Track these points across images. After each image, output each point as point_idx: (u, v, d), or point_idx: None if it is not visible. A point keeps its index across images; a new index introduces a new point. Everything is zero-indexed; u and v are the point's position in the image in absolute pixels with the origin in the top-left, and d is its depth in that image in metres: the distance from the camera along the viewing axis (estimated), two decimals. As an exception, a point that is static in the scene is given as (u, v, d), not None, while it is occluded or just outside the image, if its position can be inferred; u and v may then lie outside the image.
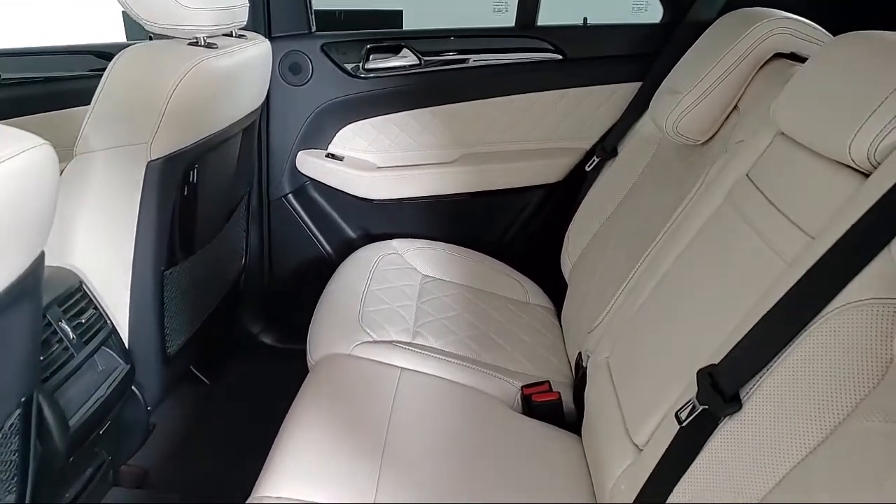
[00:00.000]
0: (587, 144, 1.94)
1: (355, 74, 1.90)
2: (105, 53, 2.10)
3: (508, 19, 1.97)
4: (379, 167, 1.96)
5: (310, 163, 1.94)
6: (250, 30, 1.61)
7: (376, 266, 1.70)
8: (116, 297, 1.32)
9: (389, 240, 1.86)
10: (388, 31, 2.22)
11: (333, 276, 1.69)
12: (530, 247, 2.02)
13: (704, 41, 1.45)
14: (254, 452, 1.15)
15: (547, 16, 1.93)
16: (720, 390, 0.81)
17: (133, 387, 1.38)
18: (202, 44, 1.32)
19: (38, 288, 0.85)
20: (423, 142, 1.96)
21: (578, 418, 1.30)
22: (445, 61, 1.95)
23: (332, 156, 1.95)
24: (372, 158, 1.98)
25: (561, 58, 1.91)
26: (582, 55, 1.91)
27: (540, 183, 1.97)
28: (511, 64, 1.95)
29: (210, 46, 1.32)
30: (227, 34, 1.46)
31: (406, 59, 1.90)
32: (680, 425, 0.86)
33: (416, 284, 1.68)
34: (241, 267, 1.92)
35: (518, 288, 1.78)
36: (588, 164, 1.87)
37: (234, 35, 1.49)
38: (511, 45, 1.97)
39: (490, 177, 1.96)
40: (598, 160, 1.83)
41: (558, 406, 1.32)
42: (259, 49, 1.53)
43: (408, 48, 1.91)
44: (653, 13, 1.94)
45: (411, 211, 1.99)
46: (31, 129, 0.75)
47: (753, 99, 1.29)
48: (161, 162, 1.24)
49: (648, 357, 1.10)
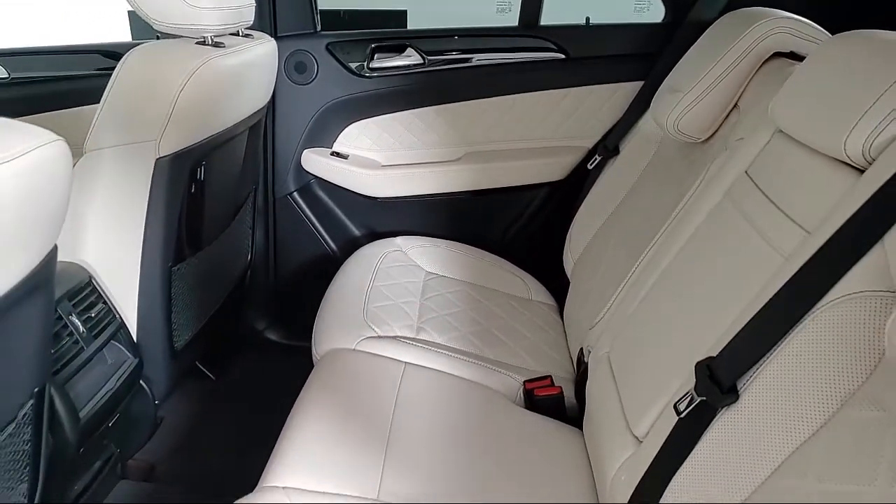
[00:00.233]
0: (589, 143, 1.95)
1: (360, 73, 1.92)
2: (112, 53, 2.13)
3: (512, 19, 1.98)
4: (383, 165, 1.98)
5: (315, 161, 1.95)
6: (256, 29, 1.63)
7: (380, 263, 1.72)
8: (125, 292, 1.34)
9: (393, 237, 1.87)
10: (393, 31, 2.24)
11: (338, 273, 1.70)
12: (533, 244, 2.04)
13: (705, 40, 1.46)
14: (259, 447, 1.16)
15: (550, 16, 1.94)
16: (718, 382, 0.83)
17: (141, 381, 1.40)
18: (209, 43, 1.33)
19: (51, 280, 0.87)
20: (427, 140, 1.98)
21: (580, 413, 1.31)
22: (449, 60, 1.97)
23: (337, 154, 1.97)
24: (376, 157, 2.00)
25: (564, 57, 1.93)
26: (584, 55, 1.92)
27: (542, 181, 1.99)
28: (514, 63, 1.97)
29: (217, 45, 1.34)
30: (234, 33, 1.48)
31: (410, 59, 1.92)
32: (678, 416, 0.88)
33: (420, 281, 1.70)
34: (247, 264, 1.94)
35: (521, 285, 1.80)
36: (590, 163, 1.88)
37: (241, 34, 1.51)
38: (514, 45, 1.99)
39: (493, 175, 1.97)
40: (601, 158, 1.84)
41: (560, 400, 1.34)
42: (265, 48, 1.55)
43: (412, 47, 1.93)
44: (655, 13, 1.95)
45: (415, 209, 2.00)
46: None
47: (753, 97, 1.30)
48: (169, 159, 1.26)
49: (648, 351, 1.12)
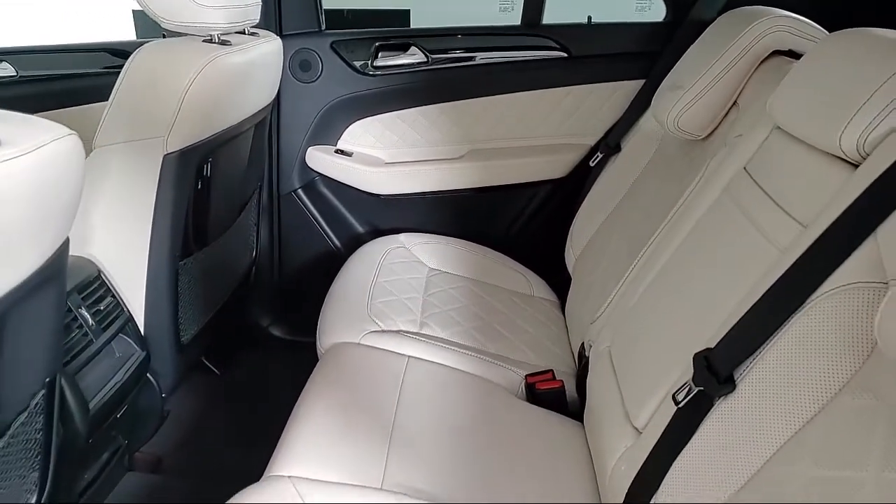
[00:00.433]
0: (591, 140, 1.97)
1: (364, 72, 1.93)
2: (119, 51, 2.15)
3: (514, 18, 2.00)
4: (387, 163, 2.00)
5: (319, 158, 1.97)
6: (262, 27, 1.64)
7: (384, 259, 1.74)
8: (133, 287, 1.36)
9: (397, 234, 1.88)
10: (397, 30, 2.26)
11: (342, 269, 1.72)
12: (535, 241, 2.05)
13: (705, 39, 1.48)
14: (264, 440, 1.17)
15: (552, 15, 1.96)
16: (715, 372, 0.85)
17: (148, 374, 1.42)
18: (216, 41, 1.35)
19: (64, 272, 0.89)
20: (431, 138, 1.99)
21: (581, 406, 1.33)
22: (453, 59, 1.98)
23: (342, 151, 1.98)
24: (380, 154, 2.01)
25: (566, 56, 1.94)
26: (586, 53, 1.94)
27: (545, 178, 2.00)
28: (517, 62, 1.98)
29: (224, 44, 1.35)
30: (240, 32, 1.49)
31: (414, 57, 1.93)
32: (677, 406, 0.90)
33: (423, 277, 1.71)
34: (252, 260, 1.96)
35: (523, 281, 1.81)
36: (592, 160, 1.90)
37: (247, 33, 1.53)
38: (517, 44, 2.00)
39: (496, 172, 1.99)
40: (602, 156, 1.86)
41: (561, 394, 1.35)
42: (270, 46, 1.57)
43: (416, 46, 1.94)
44: (656, 12, 1.97)
45: (419, 206, 2.02)
46: None
47: (752, 95, 1.32)
48: (177, 155, 1.28)
49: (648, 344, 1.14)
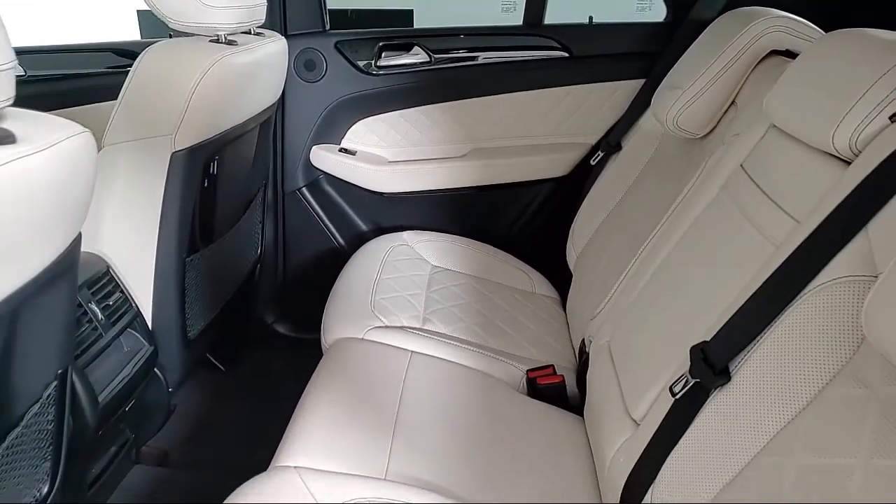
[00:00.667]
0: (592, 139, 1.99)
1: (368, 71, 1.95)
2: (124, 51, 2.17)
3: (516, 18, 2.02)
4: (390, 161, 2.02)
5: (323, 157, 1.99)
6: (267, 28, 1.66)
7: (387, 256, 1.75)
8: (141, 282, 1.38)
9: (400, 232, 1.90)
10: (400, 30, 2.28)
11: (346, 266, 1.73)
12: (537, 239, 2.07)
13: (704, 39, 1.50)
14: (269, 435, 1.19)
15: (553, 15, 1.98)
16: (711, 364, 0.87)
17: (156, 368, 1.45)
18: (223, 41, 1.37)
19: (76, 266, 0.92)
20: (434, 137, 2.01)
21: (581, 401, 1.35)
22: (455, 59, 2.00)
23: (345, 150, 2.00)
24: (383, 153, 2.03)
25: (567, 55, 1.96)
26: (587, 53, 1.96)
27: (546, 177, 2.02)
28: (519, 62, 2.00)
29: (230, 43, 1.38)
30: (246, 32, 1.52)
31: (417, 57, 1.95)
32: (674, 398, 0.92)
33: (426, 274, 1.73)
34: (257, 258, 1.98)
35: (524, 279, 1.83)
36: (593, 159, 1.91)
37: (252, 33, 1.55)
38: (519, 44, 2.02)
39: (498, 171, 2.01)
40: (603, 155, 1.87)
41: (562, 388, 1.37)
42: (276, 46, 1.59)
43: (419, 46, 1.96)
44: (656, 12, 1.99)
45: (421, 204, 2.04)
46: None
47: (750, 94, 1.34)
48: (184, 153, 1.30)
49: (646, 338, 1.16)
